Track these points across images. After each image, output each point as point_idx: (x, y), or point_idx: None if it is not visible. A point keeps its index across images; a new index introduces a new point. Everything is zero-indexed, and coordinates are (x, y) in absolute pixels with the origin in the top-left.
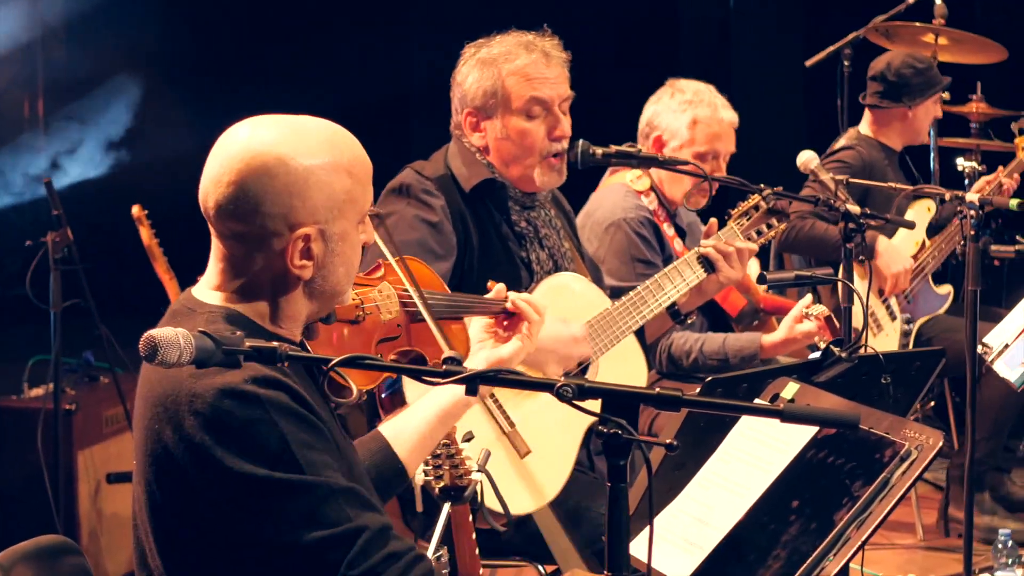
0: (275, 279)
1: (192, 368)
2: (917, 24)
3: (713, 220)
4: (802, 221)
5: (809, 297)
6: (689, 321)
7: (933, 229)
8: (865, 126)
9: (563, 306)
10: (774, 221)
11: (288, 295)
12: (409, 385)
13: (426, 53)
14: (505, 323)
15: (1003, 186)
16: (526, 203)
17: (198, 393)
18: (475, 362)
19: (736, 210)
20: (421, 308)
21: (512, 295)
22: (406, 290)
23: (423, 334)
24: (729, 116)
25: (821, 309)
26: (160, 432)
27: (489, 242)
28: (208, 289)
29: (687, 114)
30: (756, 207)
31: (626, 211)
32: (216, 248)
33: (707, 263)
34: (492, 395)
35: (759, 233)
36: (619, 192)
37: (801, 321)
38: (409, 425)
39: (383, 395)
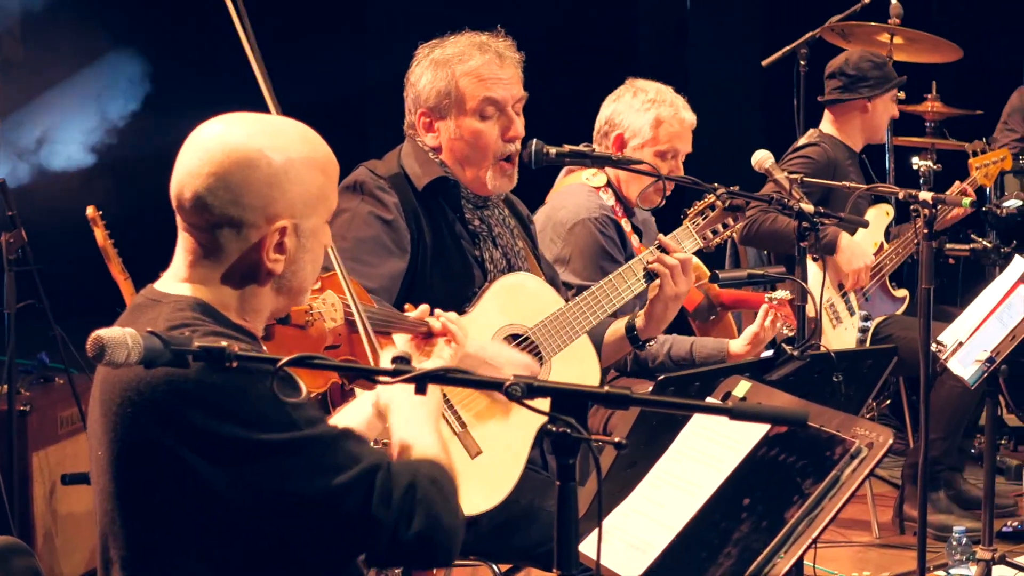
0: (247, 272)
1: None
2: (873, 24)
3: (661, 235)
4: (764, 215)
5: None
6: (649, 346)
7: (891, 234)
8: (826, 124)
9: (516, 305)
10: (730, 220)
11: (257, 289)
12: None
13: (380, 53)
14: (425, 344)
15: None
16: (479, 202)
17: (177, 375)
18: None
19: (692, 209)
20: (358, 319)
21: (442, 315)
22: (346, 302)
23: (361, 346)
24: (690, 117)
25: (783, 294)
26: (138, 420)
27: (442, 240)
28: (175, 282)
29: (650, 113)
30: (712, 206)
31: (590, 211)
32: (186, 241)
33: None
34: (443, 396)
35: (715, 232)
36: (581, 192)
37: (762, 328)
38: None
39: (336, 398)
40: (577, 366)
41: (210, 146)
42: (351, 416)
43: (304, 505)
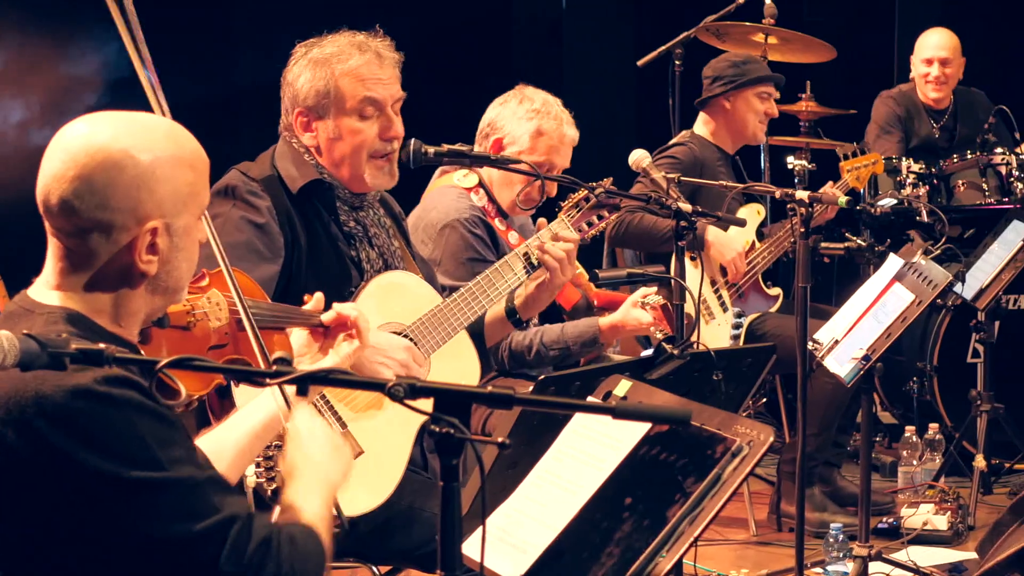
0: (119, 275)
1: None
2: (747, 24)
3: (542, 220)
4: (631, 215)
5: (644, 288)
6: (529, 326)
7: (763, 233)
8: (699, 126)
9: (393, 303)
10: (604, 212)
11: (131, 291)
12: (238, 393)
13: (251, 52)
14: (324, 337)
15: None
16: (355, 203)
17: (46, 395)
18: (306, 413)
19: (566, 203)
20: (243, 316)
21: (337, 305)
22: (232, 300)
23: (249, 343)
24: (572, 133)
25: (656, 299)
26: (4, 436)
27: (318, 242)
28: (46, 289)
29: (532, 123)
30: (587, 199)
31: (460, 212)
32: (55, 247)
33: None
34: (323, 397)
35: (589, 224)
36: (451, 194)
37: (638, 306)
38: (228, 439)
39: (214, 401)
40: (456, 362)
41: (74, 149)
42: (247, 417)
43: (154, 549)
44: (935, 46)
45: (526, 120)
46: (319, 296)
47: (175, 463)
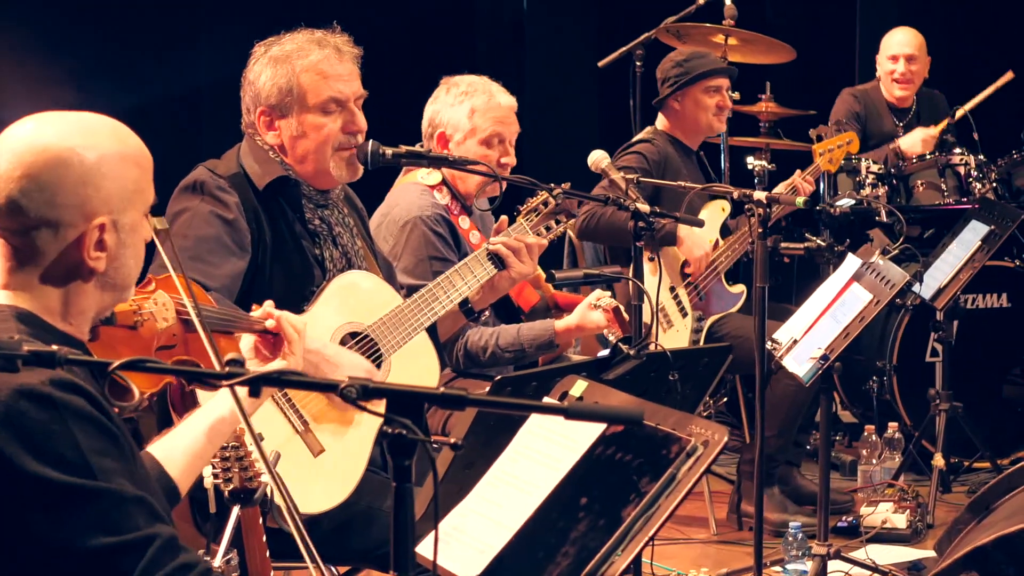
0: (67, 273)
1: None
2: (707, 25)
3: (503, 218)
4: (602, 209)
5: (599, 291)
6: (483, 318)
7: (727, 230)
8: (661, 122)
9: (354, 303)
10: (563, 217)
11: (80, 289)
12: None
13: (213, 51)
14: (272, 342)
15: (797, 190)
16: (320, 201)
17: None
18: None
19: (525, 206)
20: (194, 318)
21: (275, 313)
22: (182, 302)
23: (198, 345)
24: (506, 100)
25: (609, 301)
26: None
27: (282, 240)
28: None
29: (464, 105)
30: (545, 203)
31: (422, 209)
32: (1, 247)
33: (497, 259)
34: (285, 395)
35: (548, 228)
36: (414, 191)
37: (594, 309)
38: (179, 445)
39: (176, 397)
40: (416, 363)
41: (19, 147)
42: (201, 420)
43: (72, 558)
44: (901, 43)
45: (458, 105)
46: (268, 303)
47: (106, 473)
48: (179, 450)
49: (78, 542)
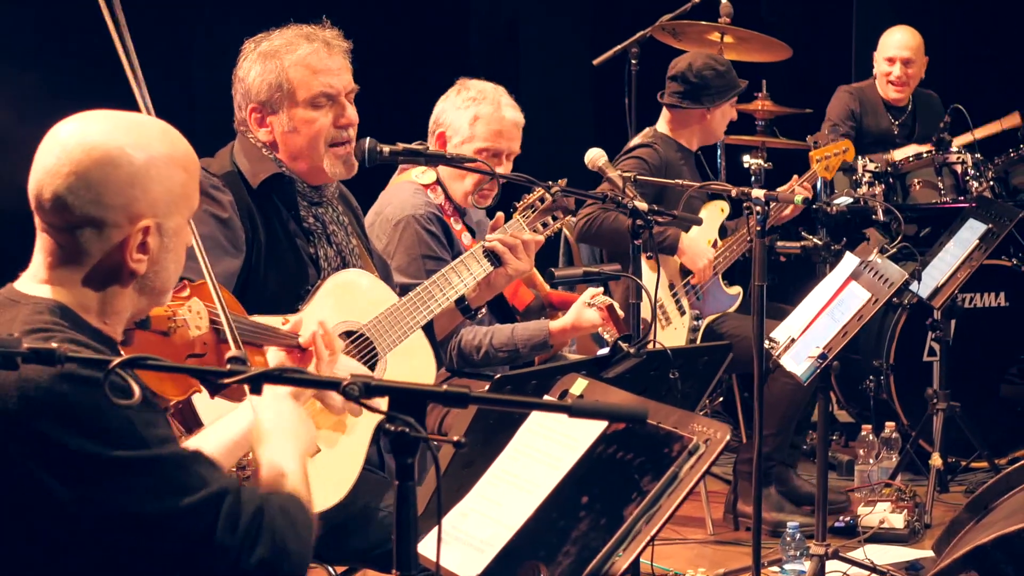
0: (108, 273)
1: None
2: (703, 23)
3: (500, 214)
4: (604, 212)
5: (592, 289)
6: (479, 316)
7: (725, 232)
8: (663, 124)
9: (350, 302)
10: (559, 213)
11: (119, 290)
12: (202, 409)
13: (208, 54)
14: (300, 358)
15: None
16: (314, 199)
17: (30, 379)
18: (270, 392)
19: (521, 203)
20: (226, 330)
21: (311, 328)
22: (215, 311)
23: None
24: (512, 115)
25: (603, 299)
26: None
27: (276, 239)
28: (34, 283)
29: (469, 111)
30: (541, 199)
31: (415, 208)
32: (45, 242)
33: (494, 256)
34: None
35: (544, 225)
36: (408, 189)
37: (589, 308)
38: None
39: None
40: (412, 361)
41: (69, 145)
42: (219, 432)
43: (147, 526)
44: (898, 45)
45: (463, 109)
46: (297, 319)
47: (159, 441)
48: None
49: (151, 510)
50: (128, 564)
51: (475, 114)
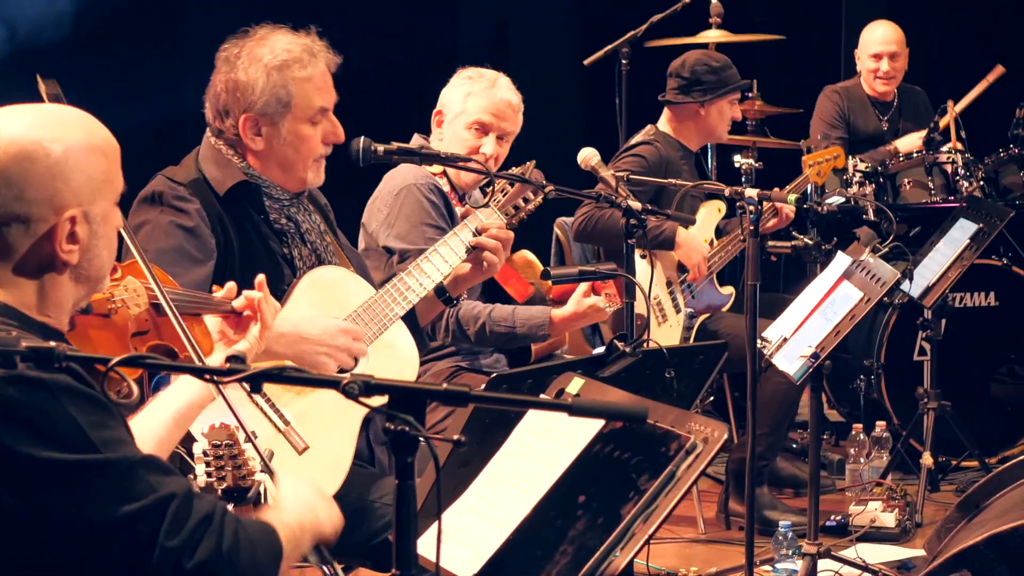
0: (41, 266)
1: None
2: (685, 39)
3: (467, 207)
4: (600, 211)
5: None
6: (462, 301)
7: (721, 232)
8: (663, 123)
9: (327, 298)
10: (530, 195)
11: (54, 281)
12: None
13: (197, 72)
14: (237, 323)
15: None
16: (285, 200)
17: None
18: (212, 362)
19: (490, 188)
20: (164, 303)
21: (246, 292)
22: (151, 287)
23: (170, 329)
24: (506, 94)
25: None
26: None
27: (249, 242)
28: None
29: (464, 87)
30: (511, 183)
31: (416, 178)
32: None
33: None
34: (263, 393)
35: (516, 208)
36: (410, 166)
37: (588, 295)
38: (146, 430)
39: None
40: (393, 352)
41: None
42: (166, 404)
43: (94, 532)
44: (883, 40)
45: (459, 87)
46: (231, 285)
47: (108, 444)
48: (147, 435)
49: (96, 517)
50: (73, 569)
51: (468, 90)
